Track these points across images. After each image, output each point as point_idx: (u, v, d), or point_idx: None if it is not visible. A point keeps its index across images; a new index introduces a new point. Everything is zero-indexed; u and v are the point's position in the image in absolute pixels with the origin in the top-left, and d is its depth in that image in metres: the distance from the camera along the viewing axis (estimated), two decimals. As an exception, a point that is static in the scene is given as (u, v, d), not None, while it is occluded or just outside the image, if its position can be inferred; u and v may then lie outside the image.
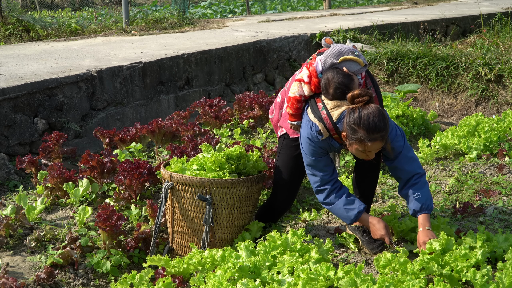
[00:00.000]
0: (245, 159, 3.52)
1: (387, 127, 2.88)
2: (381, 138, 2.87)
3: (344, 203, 3.11)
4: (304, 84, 3.16)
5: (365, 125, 2.83)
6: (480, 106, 7.04)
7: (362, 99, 2.86)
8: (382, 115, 2.86)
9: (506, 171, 4.35)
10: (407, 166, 3.09)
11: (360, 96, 2.86)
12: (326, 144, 3.08)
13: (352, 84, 2.98)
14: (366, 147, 2.90)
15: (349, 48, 3.09)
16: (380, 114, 2.85)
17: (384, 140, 2.90)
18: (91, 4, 18.59)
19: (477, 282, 2.60)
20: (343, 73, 3.00)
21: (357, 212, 3.10)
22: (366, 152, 2.95)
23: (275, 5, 17.02)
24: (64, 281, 3.27)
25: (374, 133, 2.84)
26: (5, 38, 9.32)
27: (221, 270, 2.79)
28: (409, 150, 3.11)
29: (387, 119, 2.90)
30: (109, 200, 3.97)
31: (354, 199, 3.14)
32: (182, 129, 5.10)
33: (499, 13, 10.38)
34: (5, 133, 4.91)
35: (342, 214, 3.14)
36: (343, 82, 2.96)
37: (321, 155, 3.12)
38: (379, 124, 2.83)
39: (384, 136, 2.88)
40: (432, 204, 3.08)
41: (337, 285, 2.63)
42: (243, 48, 7.56)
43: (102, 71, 5.80)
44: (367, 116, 2.84)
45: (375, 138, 2.85)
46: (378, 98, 3.11)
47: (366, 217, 3.13)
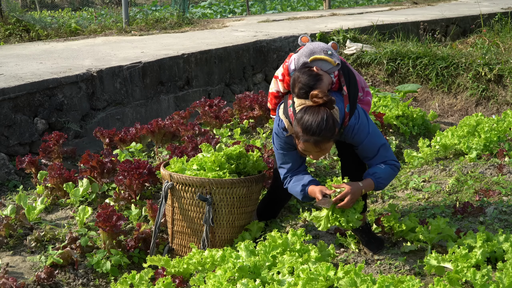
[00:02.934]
0: (245, 159, 3.52)
1: (327, 134, 2.87)
2: (314, 143, 2.89)
3: (294, 180, 3.20)
4: (279, 81, 3.24)
5: (303, 124, 2.90)
6: (480, 106, 7.04)
7: (317, 100, 2.90)
8: (326, 122, 2.86)
9: (506, 171, 4.35)
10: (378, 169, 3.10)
11: (317, 97, 2.90)
12: (292, 139, 3.12)
13: (318, 85, 2.99)
14: (300, 145, 2.97)
15: (322, 47, 3.11)
16: (323, 120, 2.86)
17: (317, 147, 2.92)
18: (91, 4, 18.59)
19: (477, 282, 2.60)
20: (310, 74, 3.02)
21: (301, 185, 3.15)
22: (304, 151, 3.00)
23: (275, 5, 17.02)
24: (64, 281, 3.27)
25: (307, 134, 2.89)
26: (5, 38, 9.32)
27: (221, 270, 2.79)
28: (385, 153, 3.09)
29: (330, 128, 2.88)
30: (109, 200, 3.97)
31: (303, 176, 3.19)
32: (182, 129, 5.10)
33: (499, 13, 10.38)
34: (5, 133, 4.91)
35: (294, 191, 3.21)
36: (308, 83, 2.99)
37: (288, 149, 3.19)
38: (315, 128, 2.86)
39: (319, 142, 2.89)
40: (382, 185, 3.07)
41: (337, 285, 2.63)
42: (243, 48, 7.56)
43: (102, 71, 5.80)
44: (308, 116, 2.89)
45: (307, 140, 2.90)
46: (350, 97, 3.08)
47: (312, 189, 3.14)
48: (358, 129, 3.05)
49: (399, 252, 3.26)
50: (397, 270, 3.05)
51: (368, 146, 3.08)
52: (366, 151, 3.09)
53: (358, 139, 3.07)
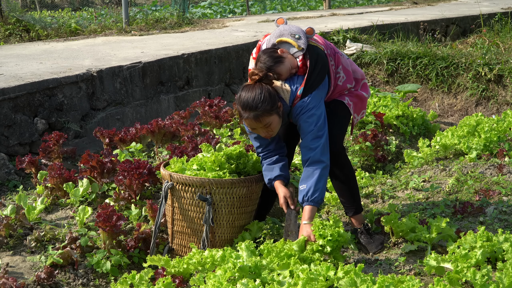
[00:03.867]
0: (245, 158, 3.52)
1: (266, 107, 2.97)
2: (254, 118, 3.00)
3: (264, 169, 3.31)
4: (252, 59, 3.32)
5: (241, 101, 3.03)
6: (480, 106, 7.04)
7: (254, 77, 3.04)
8: (261, 95, 2.97)
9: (506, 171, 4.35)
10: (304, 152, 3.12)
11: (253, 74, 3.04)
12: None
13: (276, 66, 3.09)
14: (245, 123, 3.10)
15: (292, 30, 3.19)
16: (258, 94, 2.97)
17: (259, 121, 3.01)
18: (91, 4, 18.59)
19: (477, 282, 2.60)
20: (272, 55, 3.11)
21: (268, 179, 3.28)
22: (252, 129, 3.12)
23: (275, 5, 17.02)
24: (64, 281, 3.27)
25: (246, 111, 3.01)
26: (5, 38, 9.32)
27: (221, 270, 2.79)
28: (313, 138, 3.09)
29: (267, 101, 2.97)
30: (109, 200, 3.97)
31: (273, 168, 3.26)
32: (182, 129, 5.10)
33: (499, 13, 10.38)
34: (5, 133, 4.91)
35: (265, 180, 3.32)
36: (266, 63, 3.09)
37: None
38: (251, 102, 2.97)
39: (259, 116, 2.99)
40: (322, 198, 3.07)
41: (337, 285, 2.63)
42: (243, 48, 7.56)
43: (102, 71, 5.80)
44: (245, 92, 3.02)
45: (247, 116, 3.02)
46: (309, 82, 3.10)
47: (276, 186, 3.25)
48: (301, 110, 3.10)
49: (399, 252, 3.26)
50: (397, 270, 3.05)
51: (302, 126, 3.13)
52: (301, 132, 3.16)
53: (299, 119, 3.14)
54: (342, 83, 3.28)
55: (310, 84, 3.12)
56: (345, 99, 3.35)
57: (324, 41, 3.31)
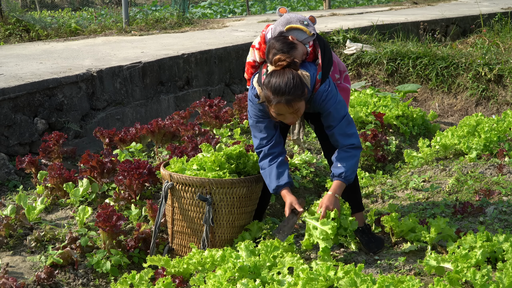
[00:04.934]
0: (245, 158, 3.52)
1: (297, 92, 2.94)
2: (286, 102, 2.94)
3: (273, 173, 3.23)
4: (255, 50, 3.27)
5: (271, 86, 2.96)
6: (480, 106, 7.04)
7: (281, 63, 2.97)
8: (293, 80, 2.93)
9: (506, 171, 4.35)
10: (342, 139, 3.15)
11: (280, 61, 2.97)
12: (264, 108, 3.17)
13: (292, 52, 3.05)
14: (273, 109, 3.02)
15: (298, 17, 3.17)
16: (290, 79, 2.93)
17: (290, 106, 2.96)
18: (91, 4, 18.59)
19: (477, 282, 2.60)
20: (285, 41, 3.08)
21: (276, 186, 3.21)
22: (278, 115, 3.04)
23: (275, 5, 17.02)
24: (64, 281, 3.27)
25: (278, 95, 2.94)
26: (5, 38, 9.32)
27: (221, 270, 2.79)
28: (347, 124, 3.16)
29: (299, 86, 2.95)
30: (109, 200, 3.97)
31: (283, 172, 3.22)
32: (182, 129, 5.10)
33: (499, 13, 10.38)
34: (5, 133, 4.91)
35: (268, 182, 3.25)
36: (281, 49, 3.04)
37: (262, 117, 3.23)
38: (284, 87, 2.92)
39: (290, 100, 2.94)
40: (352, 178, 3.15)
41: (337, 285, 2.63)
42: (243, 48, 7.56)
43: (102, 71, 5.80)
44: (275, 78, 2.96)
45: (279, 101, 2.95)
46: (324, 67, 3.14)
47: (283, 194, 3.21)
48: (327, 96, 3.11)
49: (399, 252, 3.26)
50: (397, 270, 3.05)
51: (333, 113, 3.12)
52: (331, 119, 3.14)
53: (325, 105, 3.12)
54: (331, 73, 3.29)
55: (325, 68, 3.14)
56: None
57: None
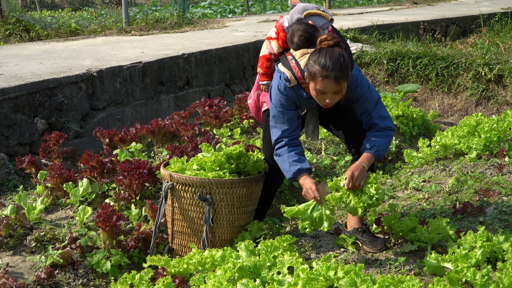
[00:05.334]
0: (245, 158, 3.52)
1: (345, 70, 2.88)
2: (335, 78, 2.86)
3: (292, 158, 3.15)
4: (272, 40, 3.23)
5: (320, 62, 2.88)
6: (480, 106, 7.04)
7: (328, 42, 2.92)
8: (342, 58, 2.88)
9: (506, 171, 4.35)
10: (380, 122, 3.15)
11: (327, 40, 2.92)
12: (294, 94, 3.11)
13: (317, 33, 3.05)
14: (319, 85, 2.91)
15: (313, 5, 3.19)
16: (339, 56, 2.88)
17: (338, 83, 2.89)
18: (91, 4, 18.59)
19: (477, 282, 2.60)
20: (308, 24, 3.08)
21: (297, 169, 3.11)
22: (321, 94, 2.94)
23: (275, 5, 17.02)
24: (64, 281, 3.27)
25: (327, 70, 2.86)
26: (5, 38, 9.32)
27: (221, 270, 2.79)
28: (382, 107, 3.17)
29: (348, 65, 2.91)
30: (109, 200, 3.97)
31: (303, 158, 3.16)
32: (182, 129, 5.10)
33: (499, 13, 10.38)
34: (5, 133, 4.91)
35: (286, 167, 3.16)
36: (307, 30, 3.05)
37: (288, 107, 3.16)
38: (334, 63, 2.86)
39: (339, 78, 2.87)
40: (382, 155, 3.14)
41: (337, 285, 2.63)
42: (243, 48, 7.56)
43: (102, 71, 5.80)
44: (324, 54, 2.90)
45: (327, 76, 2.86)
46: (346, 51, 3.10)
47: (304, 179, 3.11)
48: (361, 80, 3.09)
49: (399, 252, 3.26)
50: (397, 270, 3.05)
51: (369, 97, 3.11)
52: (367, 103, 3.12)
53: (360, 90, 3.10)
54: None
55: (349, 53, 3.10)
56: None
57: None
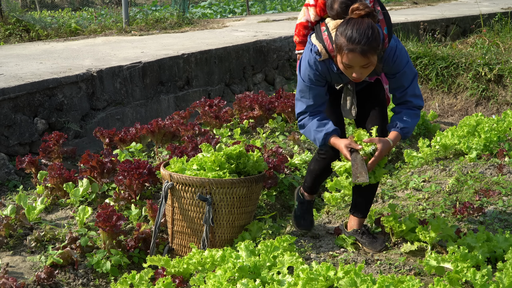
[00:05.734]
0: (245, 158, 3.52)
1: (373, 43, 2.72)
2: (361, 52, 2.72)
3: (316, 125, 3.03)
4: (310, 7, 3.08)
5: (347, 34, 2.74)
6: (480, 106, 7.04)
7: (359, 12, 2.77)
8: (371, 31, 2.72)
9: (506, 171, 4.35)
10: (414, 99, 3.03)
11: (358, 10, 2.77)
12: (325, 68, 2.97)
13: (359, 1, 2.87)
14: (345, 58, 2.78)
15: None
16: (367, 28, 2.72)
17: (365, 57, 2.74)
18: (91, 4, 18.59)
19: (477, 282, 2.60)
20: None
21: (324, 134, 3.01)
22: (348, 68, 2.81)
23: (275, 5, 17.01)
24: (64, 281, 3.27)
25: (353, 43, 2.71)
26: (5, 38, 9.32)
27: (221, 270, 2.79)
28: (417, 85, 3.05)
29: (377, 38, 2.74)
30: (109, 200, 3.97)
31: (327, 122, 3.04)
32: (182, 129, 5.10)
33: (499, 13, 10.38)
34: (5, 133, 4.91)
35: (312, 135, 3.06)
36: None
37: (317, 83, 3.02)
38: (361, 35, 2.70)
39: (366, 51, 2.72)
40: (409, 134, 3.05)
41: (337, 285, 2.63)
42: (243, 48, 7.56)
43: (102, 71, 5.80)
44: (352, 25, 2.74)
45: (353, 49, 2.72)
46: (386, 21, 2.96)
47: (334, 140, 3.02)
48: (400, 52, 2.95)
49: (399, 252, 3.26)
50: (397, 270, 3.05)
51: (407, 73, 2.98)
52: (404, 79, 3.00)
53: (399, 63, 2.96)
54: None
55: (389, 23, 2.94)
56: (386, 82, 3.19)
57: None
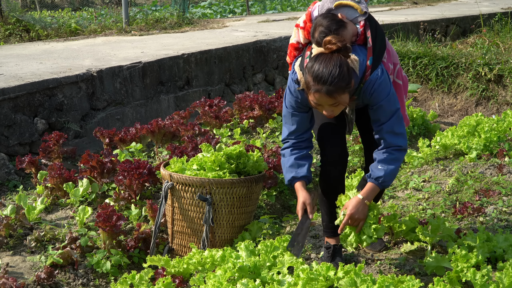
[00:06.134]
0: (245, 158, 3.52)
1: (340, 83, 2.59)
2: (327, 92, 2.60)
3: (291, 164, 2.95)
4: (300, 29, 2.97)
5: (313, 72, 2.62)
6: (480, 106, 7.04)
7: (331, 46, 2.63)
8: (339, 69, 2.58)
9: (506, 171, 4.35)
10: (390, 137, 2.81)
11: (330, 43, 2.63)
12: (304, 97, 2.82)
13: (341, 31, 2.73)
14: (312, 97, 2.68)
15: None
16: (334, 66, 2.58)
17: (331, 97, 2.62)
18: (91, 4, 18.59)
19: (477, 282, 2.60)
20: (334, 19, 2.76)
21: (292, 176, 2.94)
22: (317, 105, 2.71)
23: (275, 5, 17.01)
24: (64, 281, 3.27)
25: (319, 83, 2.61)
26: (5, 38, 9.32)
27: (221, 270, 2.79)
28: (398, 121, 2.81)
29: (345, 77, 2.60)
30: (109, 200, 3.97)
31: (303, 165, 2.94)
32: (182, 129, 5.10)
33: (499, 13, 10.37)
34: (5, 133, 4.91)
35: (284, 171, 3.00)
36: (329, 27, 2.72)
37: (299, 110, 2.91)
38: (327, 76, 2.58)
39: (332, 92, 2.60)
40: (388, 184, 2.84)
41: (337, 285, 2.63)
42: (243, 48, 7.56)
43: (102, 71, 5.80)
44: (319, 63, 2.62)
45: (319, 90, 2.62)
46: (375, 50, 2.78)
47: (296, 188, 2.95)
48: (379, 85, 2.75)
49: (399, 252, 3.26)
50: (397, 270, 3.05)
51: (384, 106, 2.77)
52: (380, 113, 2.80)
53: (376, 97, 2.77)
54: (386, 60, 2.91)
55: (377, 53, 2.77)
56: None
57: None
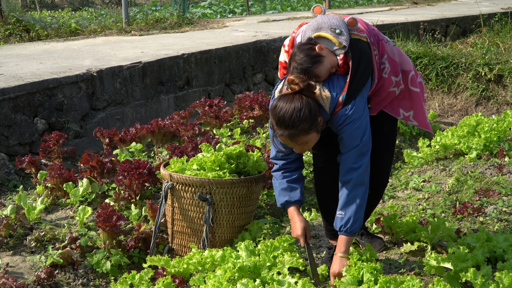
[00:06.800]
0: (245, 158, 3.52)
1: (302, 125, 2.58)
2: (290, 137, 2.61)
3: (284, 187, 2.93)
4: (285, 52, 2.93)
5: (276, 115, 2.63)
6: (480, 106, 7.04)
7: (294, 86, 2.62)
8: (300, 113, 2.57)
9: (506, 171, 4.35)
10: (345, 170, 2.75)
11: (292, 83, 2.63)
12: None
13: (315, 67, 2.69)
14: (279, 139, 2.69)
15: (331, 23, 2.76)
16: (297, 110, 2.57)
17: (294, 141, 2.63)
18: (91, 4, 18.59)
19: (477, 282, 2.60)
20: (309, 54, 2.71)
21: (285, 201, 2.92)
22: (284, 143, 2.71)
23: (275, 5, 17.02)
24: (64, 281, 3.27)
25: (280, 127, 2.62)
26: (5, 38, 9.32)
27: (221, 270, 2.79)
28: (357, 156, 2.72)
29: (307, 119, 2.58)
30: (109, 200, 3.97)
31: (296, 188, 2.91)
32: (182, 129, 5.10)
33: (499, 13, 10.37)
34: (5, 133, 4.91)
35: (276, 194, 2.98)
36: (302, 64, 2.69)
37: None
38: (288, 120, 2.58)
39: (295, 135, 2.60)
40: (357, 227, 2.74)
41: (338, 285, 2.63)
42: (243, 48, 7.56)
43: (102, 71, 5.80)
44: (281, 105, 2.61)
45: (281, 134, 2.63)
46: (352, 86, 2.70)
47: (292, 212, 2.93)
48: (344, 121, 2.69)
49: (399, 252, 3.26)
50: (397, 270, 3.05)
51: (345, 140, 2.73)
52: (342, 145, 2.75)
53: (341, 130, 2.73)
54: (387, 75, 2.86)
55: (353, 88, 2.70)
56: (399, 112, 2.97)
57: (366, 26, 2.87)
